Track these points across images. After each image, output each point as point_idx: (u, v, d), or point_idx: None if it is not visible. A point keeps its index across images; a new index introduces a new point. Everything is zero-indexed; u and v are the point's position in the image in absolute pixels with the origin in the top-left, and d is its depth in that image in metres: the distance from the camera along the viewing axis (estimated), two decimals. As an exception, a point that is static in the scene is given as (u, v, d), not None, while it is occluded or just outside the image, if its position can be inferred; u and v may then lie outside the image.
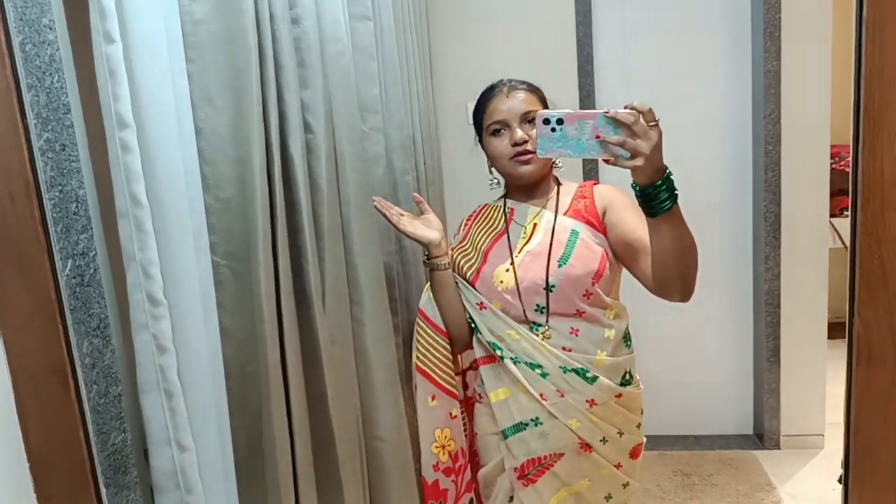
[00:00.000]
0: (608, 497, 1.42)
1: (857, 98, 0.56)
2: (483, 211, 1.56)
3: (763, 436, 2.95)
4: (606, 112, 1.00)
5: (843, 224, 3.51)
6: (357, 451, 1.32)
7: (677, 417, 3.07)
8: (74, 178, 0.88)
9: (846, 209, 3.61)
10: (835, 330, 2.86)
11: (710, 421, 3.09)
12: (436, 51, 2.69)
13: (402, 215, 1.44)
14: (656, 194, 1.06)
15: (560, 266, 1.34)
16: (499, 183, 1.50)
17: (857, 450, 0.63)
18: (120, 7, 0.93)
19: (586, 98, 2.79)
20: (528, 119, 1.37)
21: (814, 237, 2.75)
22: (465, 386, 1.59)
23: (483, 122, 1.43)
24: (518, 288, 1.37)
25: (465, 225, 1.55)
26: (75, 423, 0.76)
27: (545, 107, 1.43)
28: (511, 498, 1.43)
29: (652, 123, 1.00)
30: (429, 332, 1.47)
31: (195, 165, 1.02)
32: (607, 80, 2.84)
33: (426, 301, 1.47)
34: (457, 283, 1.45)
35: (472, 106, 1.49)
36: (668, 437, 3.07)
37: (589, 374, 1.34)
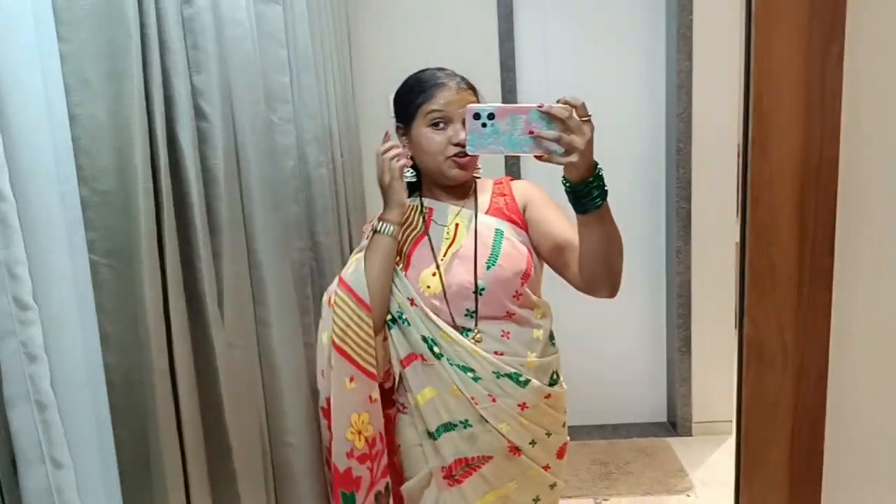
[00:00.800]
0: (536, 499, 1.40)
1: (746, 98, 0.56)
2: None
3: (676, 423, 3.06)
4: (540, 106, 0.97)
5: (750, 219, 3.69)
6: (260, 460, 1.25)
7: (596, 408, 3.14)
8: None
9: (753, 205, 3.80)
10: (742, 320, 3.00)
11: (626, 410, 3.17)
12: (357, 42, 2.61)
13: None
14: (588, 191, 1.05)
15: (489, 268, 1.29)
16: (417, 176, 1.39)
17: (748, 450, 0.63)
18: (-26, -24, 0.83)
19: (508, 94, 2.79)
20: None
21: (722, 232, 2.87)
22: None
23: (421, 108, 1.31)
24: (445, 293, 1.30)
25: (373, 225, 1.38)
26: None
27: None
28: None
29: (585, 119, 0.98)
30: (351, 305, 1.29)
31: (69, 155, 0.92)
32: (529, 76, 2.85)
33: (352, 272, 1.31)
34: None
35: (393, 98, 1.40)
36: (587, 426, 3.13)
37: (522, 378, 1.31)
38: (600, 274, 1.18)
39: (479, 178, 1.42)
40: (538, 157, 1.00)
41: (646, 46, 2.84)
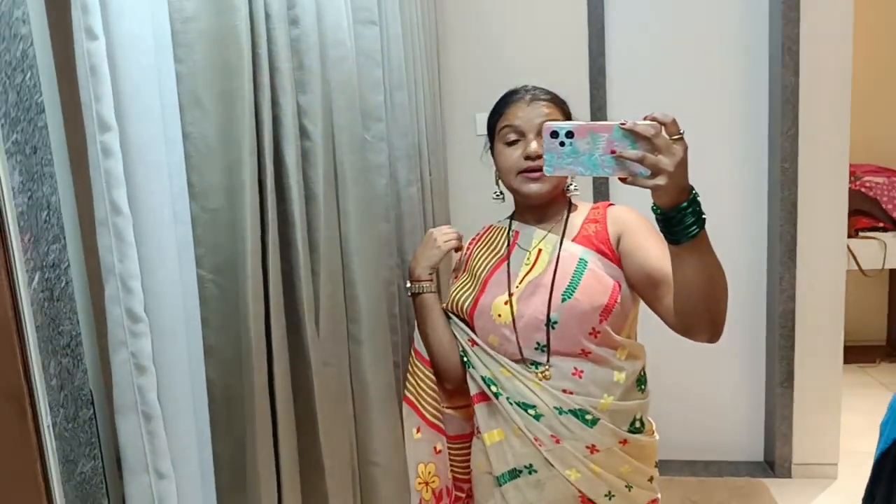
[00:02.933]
0: None
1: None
2: (487, 233, 1.44)
3: (774, 463, 2.85)
4: (623, 124, 0.89)
5: (858, 245, 3.42)
6: (350, 480, 1.24)
7: (686, 442, 2.97)
8: (47, 183, 0.81)
9: (861, 230, 3.51)
10: (851, 354, 2.76)
11: (719, 447, 2.98)
12: (445, 60, 2.63)
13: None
14: (681, 218, 0.93)
15: (564, 300, 1.20)
16: (503, 197, 1.38)
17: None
18: (104, 2, 0.87)
19: (598, 111, 2.72)
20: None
21: (830, 259, 2.66)
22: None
23: (496, 126, 1.32)
24: (515, 323, 1.24)
25: (468, 250, 1.45)
26: (32, 457, 0.69)
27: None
28: None
29: (676, 137, 0.89)
30: (416, 362, 1.41)
31: (181, 172, 0.95)
32: (620, 94, 2.77)
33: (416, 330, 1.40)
34: (448, 316, 1.38)
35: (480, 117, 1.41)
36: (676, 461, 2.97)
37: (588, 417, 1.21)
38: (698, 313, 1.05)
39: (577, 193, 1.35)
40: (622, 180, 0.92)
41: (745, 61, 2.70)
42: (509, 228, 1.38)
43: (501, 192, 1.37)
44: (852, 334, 2.73)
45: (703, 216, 0.95)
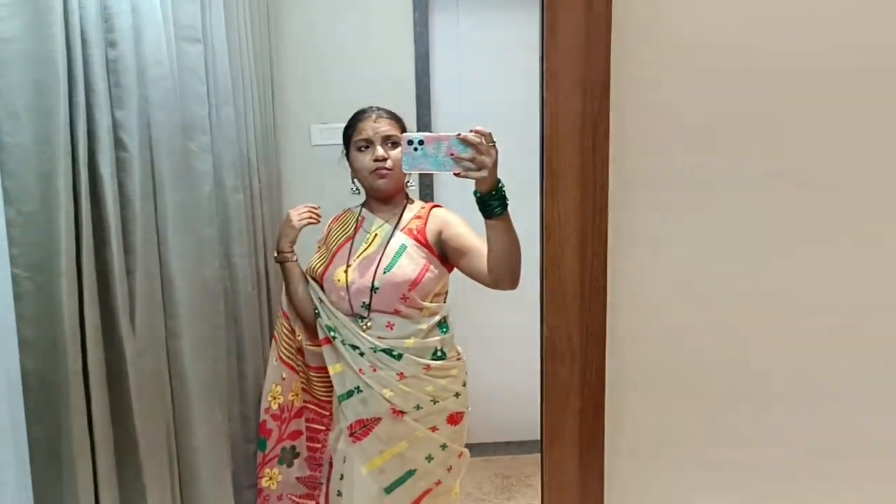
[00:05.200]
0: (429, 458, 1.67)
1: (542, 158, 0.76)
2: (344, 215, 1.83)
3: (575, 438, 3.28)
4: (459, 135, 1.25)
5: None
6: (166, 461, 1.35)
7: (502, 426, 3.32)
8: None
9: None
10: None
11: (531, 427, 3.36)
12: (279, 76, 2.75)
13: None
14: (494, 200, 1.34)
15: (385, 273, 1.62)
16: (360, 191, 1.77)
17: (549, 425, 0.83)
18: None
19: (424, 127, 2.99)
20: (389, 141, 1.67)
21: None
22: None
23: (352, 138, 1.71)
24: (348, 288, 1.65)
25: (329, 226, 1.84)
26: None
27: (404, 132, 1.69)
28: (345, 459, 1.69)
29: (491, 144, 1.28)
30: (279, 315, 1.85)
31: (-5, 179, 1.04)
32: (443, 111, 3.08)
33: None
34: (307, 278, 1.79)
35: (315, 129, 1.96)
36: (493, 444, 3.31)
37: (395, 353, 1.62)
38: (504, 268, 1.45)
39: (412, 188, 1.78)
40: (456, 174, 1.28)
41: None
42: (359, 214, 1.79)
43: (357, 188, 1.77)
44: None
45: (507, 200, 1.37)
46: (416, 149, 1.25)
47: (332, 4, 2.85)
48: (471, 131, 1.26)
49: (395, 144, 1.66)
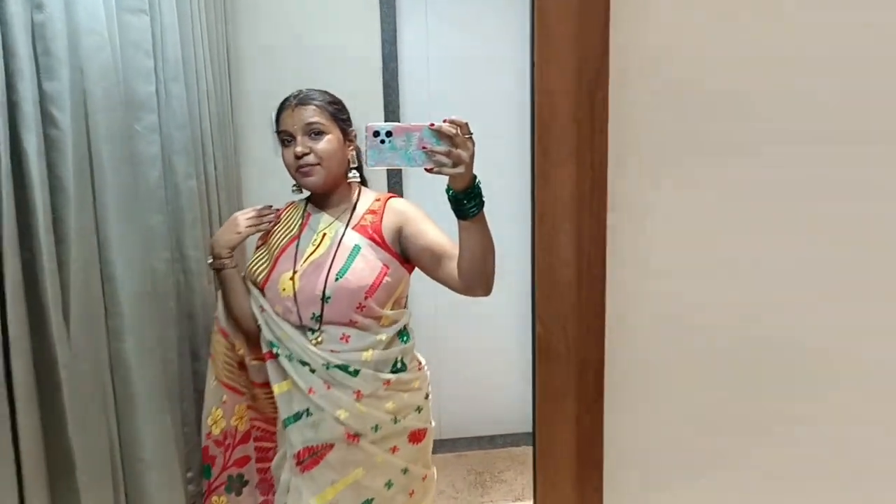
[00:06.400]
0: (388, 484, 1.48)
1: (533, 137, 0.66)
2: (286, 210, 1.61)
3: (547, 432, 3.22)
4: (432, 125, 1.10)
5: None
6: (109, 476, 1.22)
7: (473, 421, 3.24)
8: None
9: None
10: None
11: (502, 421, 3.30)
12: (238, 58, 2.60)
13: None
14: (469, 200, 1.19)
15: (337, 279, 1.40)
16: (300, 189, 1.54)
17: (542, 434, 0.73)
18: None
19: (391, 115, 2.87)
20: (312, 131, 1.44)
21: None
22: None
23: (276, 131, 1.50)
24: (296, 296, 1.43)
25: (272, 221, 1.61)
26: None
27: (339, 120, 1.49)
28: (290, 489, 1.47)
29: (468, 136, 1.13)
30: (216, 331, 1.61)
31: None
32: (412, 98, 2.95)
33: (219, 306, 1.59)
34: (247, 286, 1.54)
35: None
36: (464, 439, 3.22)
37: (352, 369, 1.41)
38: (477, 272, 1.30)
39: (355, 180, 1.52)
40: (428, 170, 1.13)
41: (519, 67, 3.01)
42: (304, 209, 1.56)
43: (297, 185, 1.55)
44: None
45: (483, 199, 1.22)
46: (382, 141, 1.09)
47: (294, -18, 2.70)
48: (445, 121, 1.11)
49: (321, 133, 1.44)
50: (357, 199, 1.53)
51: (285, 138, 1.46)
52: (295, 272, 1.44)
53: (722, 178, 0.70)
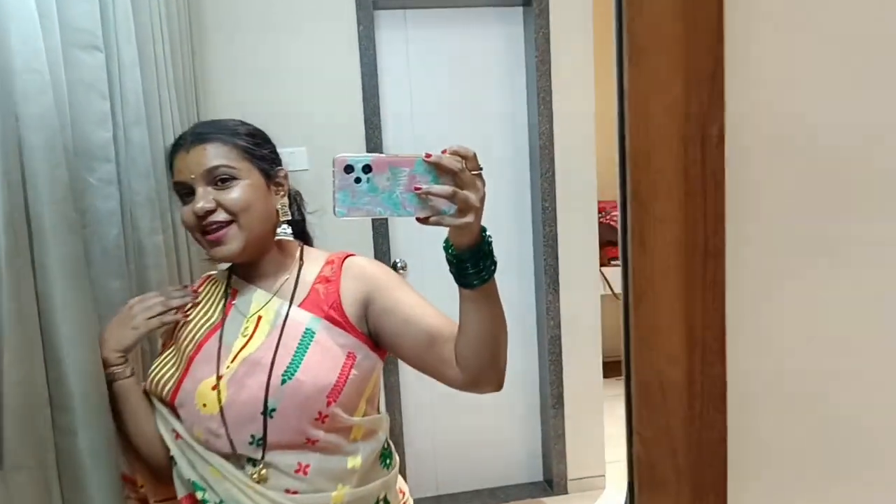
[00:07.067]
0: None
1: (623, 182, 0.48)
2: (204, 286, 1.18)
3: (552, 481, 3.02)
4: (428, 156, 0.78)
5: (611, 272, 3.83)
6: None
7: (473, 474, 3.02)
8: None
9: (613, 259, 3.95)
10: (609, 369, 3.06)
11: (504, 473, 3.09)
12: (209, 98, 2.40)
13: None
14: (478, 260, 0.86)
15: (284, 382, 0.99)
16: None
17: None
18: None
19: (374, 151, 2.71)
20: (217, 178, 1.04)
21: (587, 286, 2.92)
22: None
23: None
24: (223, 413, 1.00)
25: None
26: None
27: (256, 159, 1.08)
28: None
29: (475, 172, 0.82)
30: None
31: None
32: (396, 136, 2.80)
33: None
34: (152, 403, 1.11)
35: None
36: (465, 493, 3.00)
37: None
38: (486, 361, 0.95)
39: (286, 236, 1.14)
40: (422, 220, 0.80)
41: (509, 110, 2.89)
42: (227, 283, 1.14)
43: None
44: (609, 351, 3.02)
45: (495, 260, 0.89)
46: (357, 179, 0.77)
47: (266, 15, 2.54)
48: (445, 151, 0.80)
49: (231, 180, 1.04)
50: (301, 264, 1.12)
51: (182, 191, 1.06)
52: (219, 378, 1.02)
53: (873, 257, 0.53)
